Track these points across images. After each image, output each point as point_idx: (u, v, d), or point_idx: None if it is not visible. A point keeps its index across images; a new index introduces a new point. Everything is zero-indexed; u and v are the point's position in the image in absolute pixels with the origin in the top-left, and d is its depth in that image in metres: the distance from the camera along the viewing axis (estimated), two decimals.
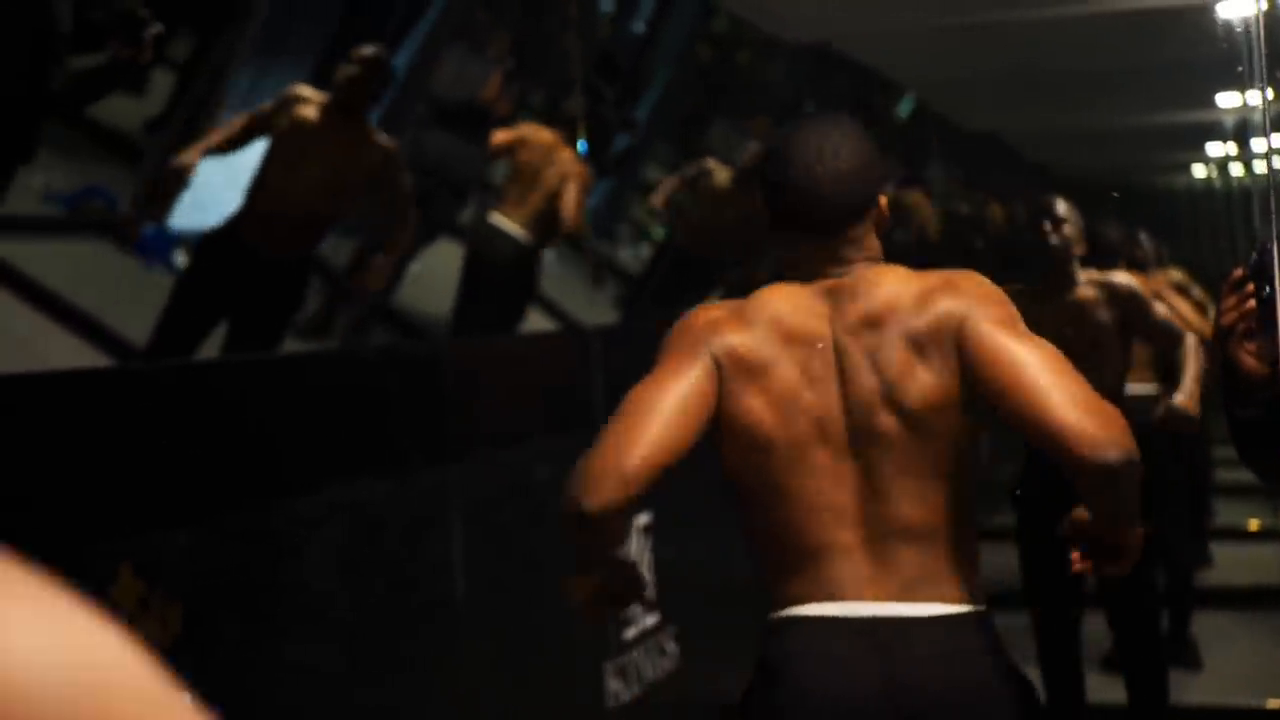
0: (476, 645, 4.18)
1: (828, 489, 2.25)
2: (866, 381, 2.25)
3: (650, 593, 5.02)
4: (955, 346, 2.22)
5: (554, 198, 7.13)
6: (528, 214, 7.13)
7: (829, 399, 2.27)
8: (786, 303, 2.34)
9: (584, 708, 4.78)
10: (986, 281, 2.32)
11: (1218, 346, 2.42)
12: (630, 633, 5.05)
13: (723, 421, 2.28)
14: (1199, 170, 14.04)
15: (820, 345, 2.29)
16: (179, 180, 5.08)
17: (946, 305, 2.25)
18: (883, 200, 2.39)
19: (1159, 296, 5.16)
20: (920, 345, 2.24)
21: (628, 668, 5.01)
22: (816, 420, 2.26)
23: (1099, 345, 4.44)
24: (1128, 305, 4.50)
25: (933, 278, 2.31)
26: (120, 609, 2.91)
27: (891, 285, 2.30)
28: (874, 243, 2.38)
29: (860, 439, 2.25)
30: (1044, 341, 2.23)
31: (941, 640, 2.22)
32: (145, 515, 3.06)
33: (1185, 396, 4.36)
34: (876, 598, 2.23)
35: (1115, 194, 4.48)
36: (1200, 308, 6.87)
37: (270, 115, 5.31)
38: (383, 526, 3.86)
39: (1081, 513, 2.29)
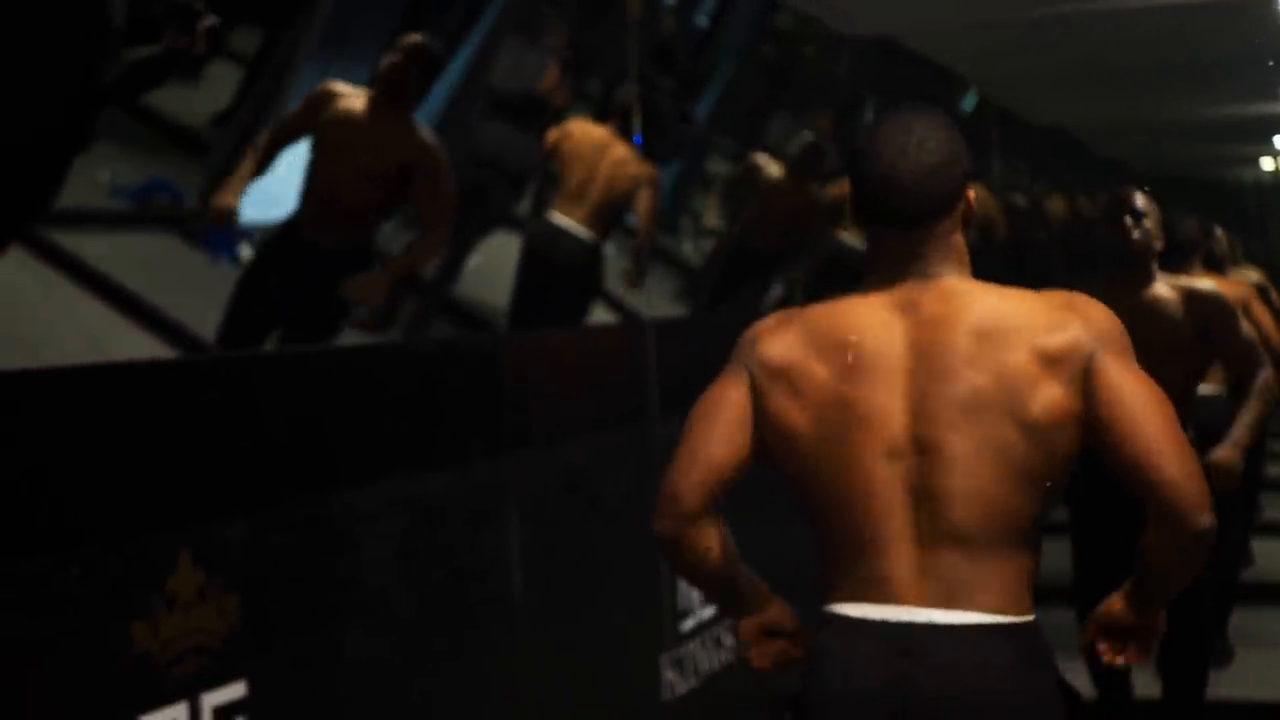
0: (533, 637, 4.20)
1: (879, 492, 2.25)
2: (967, 385, 2.24)
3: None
4: (1082, 375, 2.23)
5: (613, 193, 7.11)
6: (588, 211, 7.07)
7: (886, 403, 2.25)
8: (848, 308, 2.33)
9: (640, 700, 4.80)
10: (1103, 306, 2.31)
11: None
12: (687, 625, 5.07)
13: (764, 426, 2.35)
14: (1267, 163, 13.92)
15: (882, 350, 2.28)
16: (228, 220, 5.15)
17: (1078, 331, 2.25)
18: (970, 194, 2.36)
19: (1246, 308, 5.05)
20: (1052, 362, 2.23)
21: (684, 660, 5.03)
22: (867, 422, 2.25)
23: (1173, 346, 4.31)
24: (1214, 318, 4.35)
25: (1056, 296, 2.31)
26: (178, 598, 2.96)
27: (996, 299, 2.29)
28: (959, 240, 2.35)
29: (935, 435, 2.23)
30: (1155, 388, 2.25)
31: (970, 650, 2.21)
32: (205, 505, 3.10)
33: (1229, 447, 4.26)
34: (915, 603, 2.24)
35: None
36: (1277, 313, 6.79)
37: (298, 118, 5.32)
38: (440, 519, 3.89)
39: (1115, 603, 2.39)
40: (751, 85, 11.51)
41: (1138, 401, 2.21)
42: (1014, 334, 2.24)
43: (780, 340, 2.36)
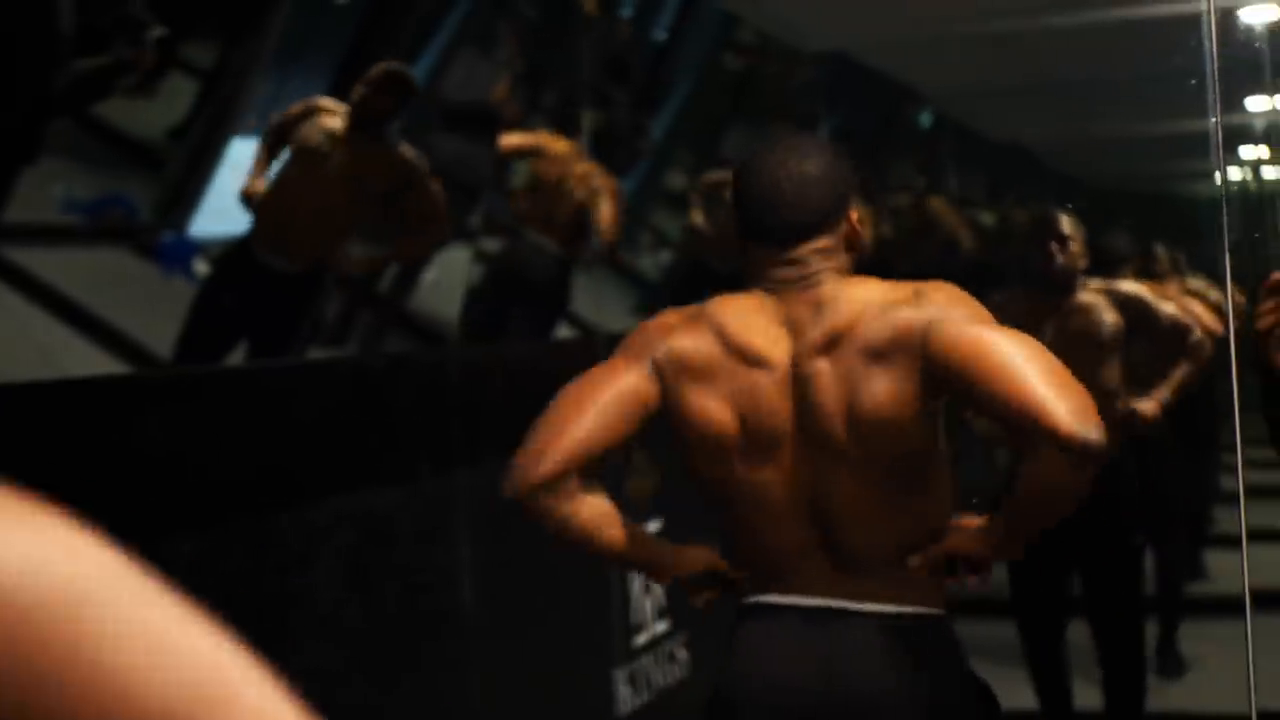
0: (485, 652, 4.20)
1: (783, 497, 2.29)
2: (824, 395, 2.25)
3: (660, 600, 5.04)
4: (920, 356, 2.20)
5: (580, 210, 7.12)
6: (558, 230, 7.10)
7: (780, 410, 2.28)
8: (742, 311, 2.35)
9: (594, 714, 4.80)
10: (955, 289, 2.28)
11: (1256, 350, 2.41)
12: (641, 639, 5.07)
13: (677, 424, 2.35)
14: (1231, 174, 14.01)
15: (772, 359, 2.30)
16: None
17: (907, 315, 2.23)
18: (853, 215, 2.36)
19: (1167, 298, 5.17)
20: (879, 357, 2.22)
21: (638, 674, 5.03)
22: (768, 430, 2.28)
23: (1101, 351, 4.46)
24: (1132, 309, 4.52)
25: (900, 289, 2.27)
26: None
27: (855, 297, 2.28)
28: (842, 259, 2.36)
29: (815, 451, 2.27)
30: (1017, 332, 2.20)
31: (885, 636, 2.26)
32: (151, 522, 3.09)
33: (1151, 400, 4.47)
34: (830, 595, 2.27)
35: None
36: (1216, 309, 6.83)
37: (293, 122, 5.34)
38: (391, 534, 3.88)
39: (969, 537, 2.30)
40: (710, 99, 11.52)
41: (985, 343, 2.14)
42: (850, 335, 2.25)
43: (694, 340, 2.35)
